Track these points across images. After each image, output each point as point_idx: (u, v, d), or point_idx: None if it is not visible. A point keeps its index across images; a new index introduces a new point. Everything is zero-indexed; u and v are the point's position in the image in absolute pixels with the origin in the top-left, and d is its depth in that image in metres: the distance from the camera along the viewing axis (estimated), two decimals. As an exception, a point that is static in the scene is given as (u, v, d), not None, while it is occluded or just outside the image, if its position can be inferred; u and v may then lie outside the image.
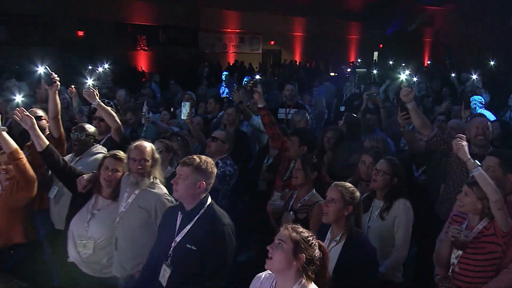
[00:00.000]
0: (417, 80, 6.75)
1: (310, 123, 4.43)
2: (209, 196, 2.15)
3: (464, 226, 2.29)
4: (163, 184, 2.51)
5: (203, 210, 2.10)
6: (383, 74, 10.38)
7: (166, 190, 2.46)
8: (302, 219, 2.58)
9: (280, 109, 4.90)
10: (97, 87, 3.38)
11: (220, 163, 3.08)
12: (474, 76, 6.81)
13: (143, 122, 4.18)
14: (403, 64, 9.51)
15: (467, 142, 2.36)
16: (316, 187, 2.74)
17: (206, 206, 2.12)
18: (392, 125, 4.41)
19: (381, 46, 19.21)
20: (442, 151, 3.02)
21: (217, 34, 16.10)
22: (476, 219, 2.26)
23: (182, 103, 4.01)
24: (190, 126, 3.82)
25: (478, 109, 4.73)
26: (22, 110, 2.64)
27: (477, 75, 6.81)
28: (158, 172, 2.52)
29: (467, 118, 4.08)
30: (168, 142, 3.20)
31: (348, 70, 11.98)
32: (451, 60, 15.39)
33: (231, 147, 3.34)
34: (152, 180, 2.48)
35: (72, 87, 4.18)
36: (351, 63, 15.82)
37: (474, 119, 3.13)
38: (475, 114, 3.91)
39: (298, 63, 16.27)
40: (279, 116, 4.70)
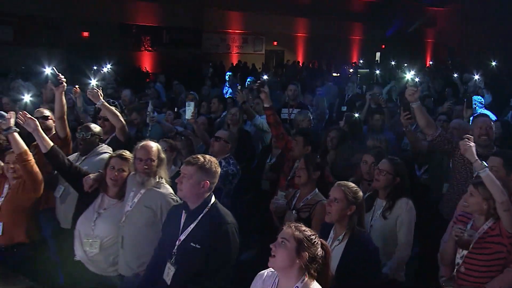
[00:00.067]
0: (419, 80, 6.75)
1: (313, 123, 4.45)
2: (213, 195, 2.17)
3: (469, 226, 2.29)
4: (168, 184, 2.52)
5: (207, 209, 2.12)
6: (385, 75, 10.38)
7: (171, 190, 2.47)
8: (304, 218, 2.60)
9: (283, 109, 4.92)
10: (100, 87, 3.40)
11: (223, 162, 3.09)
12: (476, 76, 6.80)
13: (148, 121, 4.21)
14: (405, 64, 9.51)
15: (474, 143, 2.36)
16: (319, 186, 2.76)
17: (210, 205, 2.13)
18: (394, 125, 4.43)
19: (383, 46, 19.21)
20: (446, 151, 3.02)
21: (220, 35, 16.16)
22: (482, 219, 2.26)
23: (186, 103, 4.04)
24: (194, 126, 3.85)
25: (478, 109, 4.72)
26: (24, 114, 2.67)
27: (479, 76, 6.80)
28: (164, 172, 2.53)
29: (469, 117, 4.08)
30: (172, 142, 3.22)
31: (351, 70, 11.97)
32: (453, 61, 15.37)
33: (234, 146, 3.36)
34: (158, 180, 2.48)
35: (76, 87, 4.22)
36: (353, 64, 15.80)
37: (478, 119, 3.13)
38: (479, 114, 3.90)
39: (300, 64, 16.29)
40: (282, 116, 4.73)
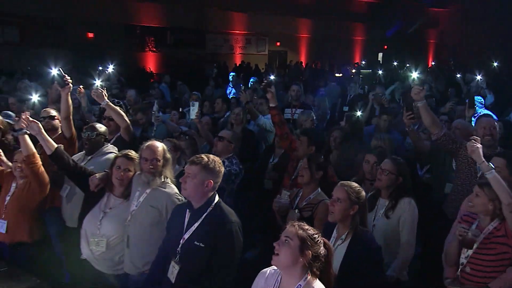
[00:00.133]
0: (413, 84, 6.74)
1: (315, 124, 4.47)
2: (216, 194, 2.18)
3: (474, 227, 2.29)
4: (174, 184, 2.53)
5: (211, 208, 2.14)
6: (388, 75, 10.37)
7: (177, 190, 2.47)
8: (307, 217, 2.61)
9: (286, 109, 4.94)
10: (105, 87, 3.43)
11: (226, 162, 3.10)
12: (478, 76, 6.79)
13: (153, 121, 4.23)
14: (407, 65, 9.50)
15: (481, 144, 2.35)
16: (322, 186, 2.77)
17: (214, 204, 2.15)
18: (397, 125, 4.43)
19: (385, 47, 19.20)
20: (450, 150, 3.01)
21: (224, 36, 16.22)
22: (487, 219, 2.26)
23: (190, 103, 4.07)
24: (198, 125, 3.87)
25: (478, 109, 4.72)
26: (27, 117, 2.70)
27: (481, 76, 6.79)
28: (169, 172, 2.54)
29: (471, 117, 4.08)
30: (176, 141, 3.24)
31: (353, 71, 11.96)
32: (455, 61, 15.33)
33: (238, 146, 3.37)
34: (163, 180, 2.50)
35: (81, 88, 4.26)
36: (356, 64, 15.79)
37: (481, 119, 3.12)
38: (482, 114, 3.90)
39: (303, 64, 16.29)
40: (285, 116, 4.74)
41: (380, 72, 10.12)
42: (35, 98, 4.03)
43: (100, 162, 2.98)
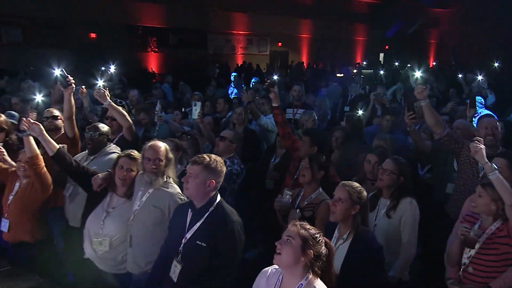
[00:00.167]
0: (417, 83, 6.73)
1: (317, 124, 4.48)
2: (218, 194, 2.20)
3: (476, 227, 2.29)
4: (176, 183, 2.54)
5: (213, 208, 2.15)
6: (389, 75, 10.37)
7: (179, 190, 2.47)
8: (308, 217, 2.62)
9: (287, 109, 4.95)
10: (107, 87, 3.45)
11: (227, 162, 3.11)
12: (479, 77, 6.79)
13: (156, 120, 4.24)
14: (408, 65, 9.50)
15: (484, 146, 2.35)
16: (323, 185, 2.78)
17: (216, 203, 2.16)
18: (399, 125, 4.43)
19: (386, 47, 19.19)
20: (453, 150, 3.01)
21: (225, 36, 16.25)
22: (490, 220, 2.26)
23: (192, 103, 4.08)
24: (200, 125, 3.89)
25: (478, 109, 4.72)
26: (28, 120, 2.72)
27: (482, 76, 6.79)
28: (172, 172, 2.55)
29: (472, 117, 4.08)
30: (178, 141, 3.25)
31: (354, 71, 11.96)
32: (456, 61, 15.31)
33: (239, 146, 3.39)
34: (166, 180, 2.50)
35: (83, 88, 4.28)
36: (357, 64, 15.80)
37: (483, 119, 3.12)
38: (484, 114, 3.90)
39: (305, 65, 16.31)
40: (287, 116, 4.74)
41: (381, 72, 10.13)
42: (39, 98, 4.05)
43: (103, 162, 2.99)
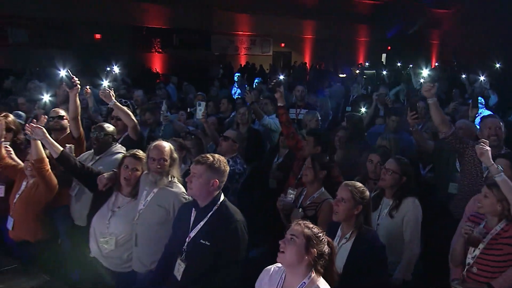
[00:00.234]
0: (424, 81, 6.73)
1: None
2: (222, 193, 2.21)
3: (481, 227, 2.29)
4: (181, 183, 2.55)
5: (216, 207, 2.17)
6: (391, 75, 10.36)
7: (184, 189, 2.49)
8: (310, 216, 2.62)
9: (290, 109, 4.97)
10: (112, 88, 3.47)
11: (230, 161, 3.11)
12: (481, 77, 6.76)
13: (161, 120, 4.27)
14: (410, 65, 9.49)
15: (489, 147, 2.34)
16: (326, 185, 2.79)
17: (219, 203, 2.18)
18: (402, 125, 4.43)
19: (389, 48, 19.16)
20: (457, 150, 3.00)
21: (229, 37, 16.28)
22: (495, 220, 2.26)
23: (197, 103, 4.11)
24: (205, 125, 3.91)
25: (479, 109, 4.70)
26: (31, 125, 2.74)
27: (484, 77, 6.76)
28: (176, 171, 2.56)
29: (474, 117, 4.07)
30: (182, 141, 3.28)
31: (357, 71, 11.95)
32: (458, 62, 15.26)
33: (242, 146, 3.41)
34: (170, 179, 2.52)
35: (87, 88, 4.32)
36: (359, 65, 15.79)
37: (486, 120, 3.11)
38: (488, 115, 3.89)
39: (308, 65, 16.32)
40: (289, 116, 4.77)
41: (384, 72, 10.12)
42: (46, 98, 4.10)
43: (109, 162, 3.01)
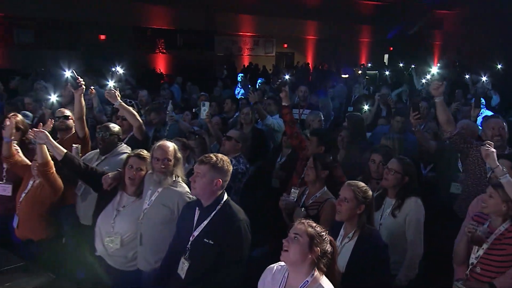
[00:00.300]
0: (426, 82, 6.76)
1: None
2: (225, 192, 2.23)
3: (485, 226, 2.29)
4: (185, 183, 2.57)
5: (220, 206, 2.18)
6: (393, 76, 10.35)
7: (188, 189, 2.50)
8: (313, 215, 2.63)
9: (293, 109, 4.98)
10: (118, 88, 3.50)
11: (233, 161, 3.11)
12: (483, 78, 6.75)
13: (167, 120, 4.30)
14: (412, 66, 9.49)
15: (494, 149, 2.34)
16: (329, 184, 2.81)
17: (223, 202, 2.19)
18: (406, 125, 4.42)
19: (391, 48, 19.13)
20: (461, 150, 3.00)
21: (232, 38, 16.34)
22: (499, 220, 2.26)
23: (201, 103, 4.14)
24: (209, 125, 3.93)
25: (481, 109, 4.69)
26: (33, 130, 2.78)
27: (486, 77, 6.74)
28: (180, 171, 2.58)
29: (476, 116, 4.06)
30: (185, 141, 3.30)
31: (359, 72, 11.95)
32: (461, 62, 15.20)
33: (245, 146, 3.42)
34: (174, 179, 2.53)
35: (92, 88, 4.37)
36: (362, 65, 15.78)
37: (489, 120, 3.11)
38: (490, 115, 3.89)
39: (311, 66, 16.33)
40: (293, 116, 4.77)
41: (387, 73, 10.11)
42: (53, 98, 4.14)
43: (115, 162, 3.02)
